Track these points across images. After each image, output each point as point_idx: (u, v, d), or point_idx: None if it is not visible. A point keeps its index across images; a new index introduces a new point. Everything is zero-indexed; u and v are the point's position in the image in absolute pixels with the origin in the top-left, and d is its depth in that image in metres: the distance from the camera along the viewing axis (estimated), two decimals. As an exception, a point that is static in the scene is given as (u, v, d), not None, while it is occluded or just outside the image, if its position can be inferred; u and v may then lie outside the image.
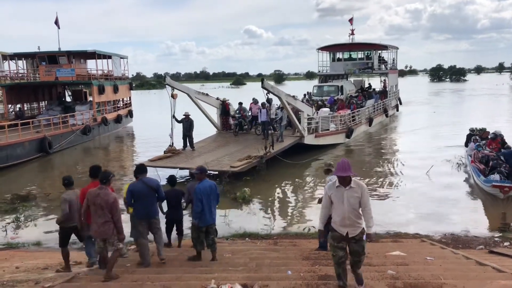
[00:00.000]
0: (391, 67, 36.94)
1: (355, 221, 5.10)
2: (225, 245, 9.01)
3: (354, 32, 36.84)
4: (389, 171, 17.32)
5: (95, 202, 6.07)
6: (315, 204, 13.17)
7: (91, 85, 28.99)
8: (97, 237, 6.26)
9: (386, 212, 12.17)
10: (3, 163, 18.66)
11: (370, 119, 27.59)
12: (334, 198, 5.17)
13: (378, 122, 30.23)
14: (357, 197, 5.06)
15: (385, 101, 32.61)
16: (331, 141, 21.79)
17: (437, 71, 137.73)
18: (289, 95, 18.16)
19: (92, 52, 29.92)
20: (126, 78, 37.23)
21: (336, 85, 30.93)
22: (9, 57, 30.71)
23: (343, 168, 5.01)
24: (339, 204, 5.11)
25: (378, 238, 9.77)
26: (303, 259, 7.25)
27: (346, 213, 5.06)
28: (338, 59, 36.79)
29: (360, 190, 5.08)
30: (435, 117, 35.88)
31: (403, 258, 7.27)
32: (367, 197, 5.11)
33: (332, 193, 5.18)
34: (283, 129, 19.16)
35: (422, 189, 14.35)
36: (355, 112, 25.10)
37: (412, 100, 52.17)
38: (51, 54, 29.02)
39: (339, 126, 22.57)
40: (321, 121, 20.86)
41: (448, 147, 21.40)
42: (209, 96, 20.90)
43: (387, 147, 23.55)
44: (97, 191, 6.13)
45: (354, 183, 5.09)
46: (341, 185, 5.11)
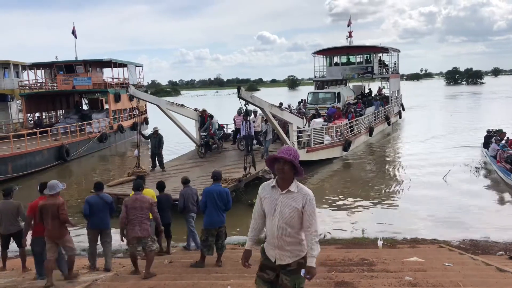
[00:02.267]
0: (393, 71, 34.94)
1: (287, 243, 3.57)
2: (240, 251, 9.00)
3: (352, 34, 34.50)
4: (400, 178, 16.70)
5: (135, 206, 6.86)
6: (329, 210, 13.15)
7: (107, 93, 29.45)
8: (135, 236, 6.83)
9: (402, 217, 12.06)
10: (22, 171, 19.03)
11: (370, 128, 25.26)
12: (266, 204, 3.66)
13: (379, 131, 28.11)
14: (296, 209, 3.51)
15: (387, 107, 30.70)
16: (326, 155, 19.29)
17: (453, 74, 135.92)
18: (274, 105, 15.90)
19: (108, 60, 30.38)
20: (142, 86, 37.59)
21: (333, 92, 28.31)
22: (28, 67, 31.36)
23: (287, 151, 3.57)
24: (270, 214, 3.61)
25: (394, 243, 9.67)
26: (319, 265, 7.19)
27: (276, 229, 3.55)
28: (336, 64, 34.31)
29: (303, 199, 3.53)
30: (450, 121, 34.84)
31: (421, 264, 7.17)
32: (312, 211, 3.53)
33: (265, 196, 3.68)
34: (269, 144, 16.97)
35: (439, 194, 14.14)
36: (353, 122, 22.82)
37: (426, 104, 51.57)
38: (68, 63, 29.58)
39: (335, 138, 20.11)
40: (313, 133, 18.37)
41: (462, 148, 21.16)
42: (185, 107, 19.02)
43: (394, 156, 22.03)
44: (134, 196, 7.04)
45: (296, 187, 3.57)
46: (277, 186, 3.61)
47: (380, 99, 31.33)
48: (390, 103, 31.91)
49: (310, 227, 3.54)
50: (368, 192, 14.98)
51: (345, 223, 11.89)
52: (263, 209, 3.69)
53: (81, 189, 17.07)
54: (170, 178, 14.50)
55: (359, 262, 7.45)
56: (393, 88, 33.21)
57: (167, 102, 18.48)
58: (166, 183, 11.66)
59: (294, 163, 3.52)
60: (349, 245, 9.61)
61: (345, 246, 9.50)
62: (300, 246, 3.62)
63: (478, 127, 27.97)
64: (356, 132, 23.00)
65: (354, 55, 33.62)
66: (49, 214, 6.44)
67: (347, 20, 36.98)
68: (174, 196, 10.00)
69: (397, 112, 34.72)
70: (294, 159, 3.52)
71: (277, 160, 3.56)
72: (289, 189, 3.56)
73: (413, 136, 27.84)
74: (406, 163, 19.26)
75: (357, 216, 12.47)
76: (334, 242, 10.04)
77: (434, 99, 62.48)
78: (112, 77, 32.49)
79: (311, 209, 3.54)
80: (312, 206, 3.54)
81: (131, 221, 6.83)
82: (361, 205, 13.47)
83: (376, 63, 32.71)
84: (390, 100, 32.14)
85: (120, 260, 8.84)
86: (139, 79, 36.94)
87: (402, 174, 17.23)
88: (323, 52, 34.14)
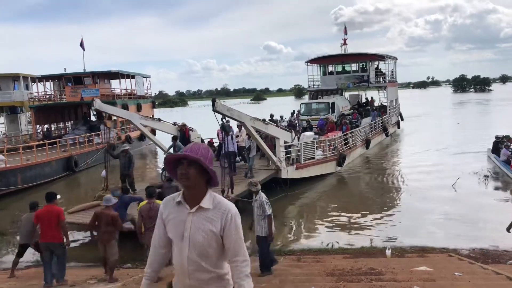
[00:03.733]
0: (390, 79, 33.06)
1: (203, 282, 2.54)
2: (248, 261, 9.00)
3: (346, 41, 32.88)
4: (406, 188, 16.38)
5: (150, 215, 7.27)
6: (334, 220, 13.10)
7: (115, 104, 29.65)
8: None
9: (410, 226, 11.97)
10: (32, 182, 19.18)
11: (367, 140, 23.86)
12: (170, 228, 2.59)
13: (377, 143, 26.62)
14: (212, 233, 2.49)
15: (385, 118, 29.13)
16: (318, 172, 17.75)
17: (460, 81, 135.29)
18: (257, 119, 14.47)
19: (116, 72, 30.70)
20: (149, 97, 37.96)
21: (327, 102, 26.60)
22: (37, 79, 31.80)
23: (192, 148, 2.53)
24: (177, 242, 2.56)
25: (403, 252, 9.60)
26: (327, 275, 7.18)
27: (186, 264, 2.52)
28: (330, 73, 32.58)
29: (221, 218, 2.50)
30: (457, 129, 34.39)
31: (430, 274, 7.11)
32: (236, 234, 2.51)
33: (168, 217, 2.60)
34: (253, 161, 15.30)
35: (448, 202, 14.02)
36: (348, 134, 21.24)
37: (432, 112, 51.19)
38: (76, 75, 29.93)
39: (328, 152, 18.57)
40: (303, 148, 16.83)
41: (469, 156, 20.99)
42: (162, 121, 17.85)
43: (396, 167, 21.00)
44: (148, 205, 7.45)
45: (211, 201, 2.53)
46: (184, 201, 2.55)
47: (377, 109, 30.02)
48: (387, 113, 30.50)
49: (237, 255, 2.50)
50: (373, 201, 14.90)
51: (352, 232, 11.82)
52: (167, 235, 2.61)
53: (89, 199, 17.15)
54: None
55: (367, 271, 7.41)
56: (390, 97, 31.76)
57: (141, 117, 17.39)
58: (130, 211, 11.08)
59: (201, 162, 2.46)
60: (357, 254, 9.56)
61: (353, 255, 9.45)
62: (223, 283, 2.58)
63: (486, 134, 27.60)
64: (352, 145, 21.59)
65: (350, 63, 32.14)
66: (103, 222, 7.63)
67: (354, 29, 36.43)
68: None
69: (395, 122, 33.36)
70: (204, 158, 2.49)
71: (180, 162, 2.49)
72: (200, 205, 2.50)
73: (414, 146, 26.68)
74: (410, 174, 18.58)
75: (365, 226, 12.39)
76: (342, 251, 9.99)
77: (441, 106, 62.15)
78: (120, 88, 32.81)
79: (235, 231, 2.50)
80: (236, 227, 2.50)
81: (149, 229, 7.29)
82: (368, 215, 13.39)
83: (372, 71, 31.42)
84: (387, 110, 30.76)
85: (128, 271, 8.87)
86: (147, 90, 37.28)
87: (408, 184, 16.97)
88: (317, 60, 32.56)
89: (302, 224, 13.05)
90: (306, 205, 15.09)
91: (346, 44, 32.79)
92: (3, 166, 17.94)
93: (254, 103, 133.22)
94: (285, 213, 13.86)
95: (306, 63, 31.97)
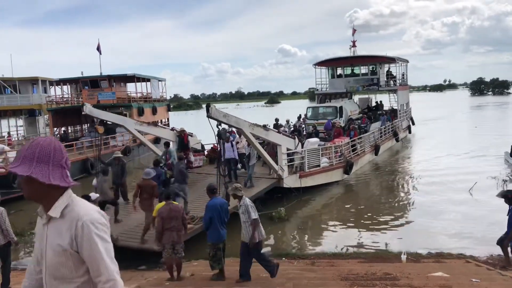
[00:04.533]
0: (401, 82, 32.12)
1: None
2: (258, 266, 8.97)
3: (355, 44, 31.85)
4: (421, 192, 16.16)
5: (170, 216, 7.55)
6: (352, 224, 12.99)
7: (131, 107, 30.03)
8: (169, 243, 7.57)
9: (426, 231, 11.81)
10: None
11: (376, 146, 22.81)
12: (36, 245, 2.19)
13: (387, 149, 25.69)
14: (61, 250, 2.00)
15: (395, 122, 28.11)
16: (323, 180, 16.87)
17: (478, 84, 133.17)
18: (256, 125, 13.69)
19: (132, 75, 31.07)
20: (164, 100, 38.30)
21: (334, 106, 25.81)
22: (55, 83, 32.37)
23: (22, 152, 2.01)
24: (40, 260, 2.13)
25: (419, 258, 9.48)
26: (341, 279, 7.13)
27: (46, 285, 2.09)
28: (339, 76, 31.58)
29: (70, 228, 2.00)
30: (474, 133, 33.62)
31: (447, 280, 7.00)
32: (92, 247, 1.97)
33: (36, 232, 2.20)
34: (252, 170, 14.45)
35: (465, 207, 13.80)
36: (356, 140, 20.33)
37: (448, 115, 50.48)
38: (93, 79, 30.40)
39: (334, 160, 17.62)
40: (307, 155, 16.01)
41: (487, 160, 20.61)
42: (159, 126, 16.94)
43: (409, 172, 20.32)
44: (168, 207, 7.67)
45: (61, 209, 2.02)
46: (43, 210, 2.08)
47: (387, 113, 28.96)
48: (398, 117, 29.41)
49: (99, 275, 1.99)
50: (387, 207, 14.74)
51: (367, 237, 11.72)
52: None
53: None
54: (130, 214, 11.98)
55: (382, 276, 7.33)
56: (401, 101, 30.79)
57: (135, 122, 16.73)
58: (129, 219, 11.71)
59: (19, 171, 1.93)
60: (371, 259, 9.46)
61: (368, 260, 9.36)
62: None
63: (505, 137, 27.11)
64: (360, 151, 20.70)
65: (359, 66, 31.22)
66: (145, 191, 9.75)
67: (369, 32, 35.79)
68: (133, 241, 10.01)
69: (406, 126, 32.27)
70: (30, 160, 1.96)
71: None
72: (48, 213, 2.03)
73: (428, 150, 25.91)
74: (425, 179, 18.21)
75: (379, 230, 12.27)
76: (356, 256, 9.90)
77: (458, 110, 61.28)
78: (135, 91, 33.19)
79: (89, 244, 1.97)
80: (90, 239, 1.96)
81: (169, 229, 7.54)
82: (382, 220, 13.27)
83: (382, 74, 30.39)
84: (398, 114, 29.62)
85: (142, 273, 8.93)
86: (162, 93, 37.63)
87: (422, 189, 16.72)
88: (325, 63, 31.64)
89: (316, 228, 12.96)
90: (320, 209, 15.02)
91: (355, 46, 31.86)
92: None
93: (268, 106, 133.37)
94: (298, 217, 13.83)
95: (314, 66, 31.08)
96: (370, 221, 13.19)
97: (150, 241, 9.46)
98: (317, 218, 14.00)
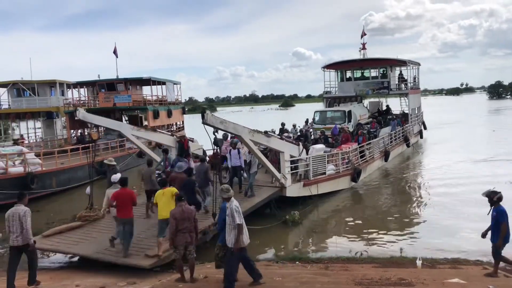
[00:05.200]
0: (412, 86, 30.99)
1: None
2: (275, 268, 8.97)
3: (365, 46, 30.74)
4: (434, 198, 15.87)
5: (183, 217, 7.67)
6: (366, 229, 12.88)
7: (147, 110, 30.34)
8: (183, 244, 7.74)
9: (442, 236, 11.66)
10: (65, 185, 19.80)
11: (385, 152, 22.13)
12: None
13: (397, 154, 25.10)
14: None
15: (406, 127, 27.37)
16: (329, 188, 16.20)
17: (496, 88, 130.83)
18: (257, 131, 12.90)
19: (147, 79, 31.38)
20: (179, 103, 38.59)
21: (343, 110, 24.80)
22: (72, 86, 32.86)
23: None
24: None
25: (434, 263, 9.35)
26: (355, 284, 7.08)
27: None
28: (348, 79, 30.58)
29: None
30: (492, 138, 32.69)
31: (463, 286, 6.91)
32: None
33: None
34: (253, 178, 13.82)
35: (482, 212, 13.52)
36: (365, 146, 19.63)
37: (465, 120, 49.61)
38: (109, 82, 30.81)
39: (341, 167, 16.96)
40: (312, 162, 15.23)
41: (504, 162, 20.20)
42: (158, 131, 16.54)
43: (421, 179, 19.89)
44: (180, 208, 7.79)
45: None
46: None
47: (398, 118, 28.08)
48: (409, 122, 28.66)
49: None
50: (402, 212, 14.60)
51: (381, 241, 11.62)
52: None
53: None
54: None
55: (397, 282, 7.26)
56: (412, 105, 29.91)
57: (132, 127, 16.12)
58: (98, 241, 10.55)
59: None
60: (386, 264, 9.36)
61: (382, 265, 9.26)
62: None
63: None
64: (368, 157, 19.92)
65: (369, 68, 29.97)
66: (177, 183, 10.21)
67: (384, 35, 34.94)
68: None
69: (417, 131, 31.50)
70: None
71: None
72: None
73: (441, 155, 25.21)
74: (438, 184, 17.93)
75: (394, 235, 12.15)
76: (370, 260, 9.82)
77: (475, 114, 60.28)
78: (151, 94, 33.49)
79: None
80: None
81: (182, 230, 7.67)
82: (397, 225, 13.14)
83: (393, 77, 29.56)
84: (409, 118, 28.87)
85: (156, 274, 8.99)
86: (177, 96, 37.93)
87: (436, 196, 16.41)
88: (334, 66, 30.71)
89: (330, 232, 12.89)
90: (334, 213, 14.94)
91: (365, 49, 30.77)
92: (40, 169, 18.59)
93: (282, 109, 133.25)
94: (313, 221, 13.79)
95: (322, 69, 30.26)
96: (384, 225, 13.08)
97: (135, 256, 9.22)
98: (331, 222, 13.94)
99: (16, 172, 17.55)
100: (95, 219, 12.27)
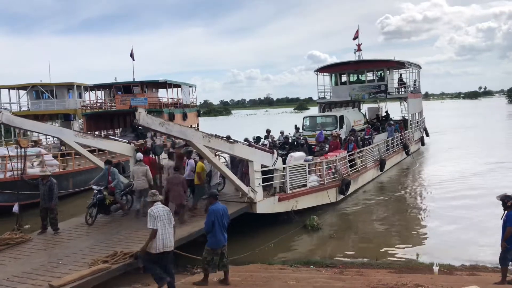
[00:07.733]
0: (412, 90, 29.09)
1: None
2: (289, 272, 8.93)
3: (360, 47, 28.89)
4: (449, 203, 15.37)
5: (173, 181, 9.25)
6: (381, 234, 12.73)
7: (162, 112, 30.59)
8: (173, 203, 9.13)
9: (460, 242, 11.47)
10: (82, 187, 20.05)
11: (381, 161, 20.12)
12: None
13: (395, 163, 23.25)
14: None
15: (405, 133, 25.37)
16: (312, 202, 14.15)
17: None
18: (216, 136, 11.03)
19: (163, 81, 31.68)
20: (194, 106, 38.81)
21: (334, 115, 23.08)
22: (89, 88, 33.36)
23: None
24: None
25: (452, 270, 9.19)
26: (370, 289, 6.99)
27: None
28: (343, 83, 28.72)
29: None
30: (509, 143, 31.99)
31: (481, 294, 6.75)
32: None
33: None
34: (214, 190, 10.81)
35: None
36: (355, 154, 17.54)
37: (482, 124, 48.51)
38: (126, 85, 31.17)
39: (326, 177, 14.86)
40: (290, 173, 13.13)
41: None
42: (111, 139, 14.58)
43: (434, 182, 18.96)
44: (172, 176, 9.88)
45: None
46: None
47: (396, 123, 25.65)
48: (409, 128, 26.60)
49: None
50: (418, 217, 14.41)
51: (397, 246, 11.48)
52: None
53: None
54: (48, 248, 9.79)
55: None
56: (412, 110, 27.67)
57: (76, 133, 13.54)
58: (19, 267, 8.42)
59: None
60: (402, 269, 9.25)
61: (398, 270, 9.16)
62: None
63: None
64: (360, 167, 17.90)
65: (364, 71, 28.20)
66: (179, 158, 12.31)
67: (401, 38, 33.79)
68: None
69: (418, 138, 29.26)
70: None
71: None
72: None
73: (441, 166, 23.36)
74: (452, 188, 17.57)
75: (411, 241, 11.99)
76: (386, 266, 9.70)
77: (493, 118, 59.10)
78: (167, 97, 33.78)
79: None
80: None
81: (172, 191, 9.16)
82: (414, 230, 12.98)
83: (391, 80, 27.75)
84: (409, 124, 26.78)
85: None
86: (192, 99, 38.16)
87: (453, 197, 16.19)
88: (327, 69, 28.91)
89: (347, 237, 12.75)
90: (353, 218, 14.78)
91: (360, 50, 28.85)
92: (57, 171, 18.87)
93: (297, 112, 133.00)
94: (331, 226, 13.65)
95: (315, 72, 28.43)
96: (401, 230, 12.92)
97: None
98: (349, 227, 13.77)
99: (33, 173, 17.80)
100: (19, 243, 9.99)
